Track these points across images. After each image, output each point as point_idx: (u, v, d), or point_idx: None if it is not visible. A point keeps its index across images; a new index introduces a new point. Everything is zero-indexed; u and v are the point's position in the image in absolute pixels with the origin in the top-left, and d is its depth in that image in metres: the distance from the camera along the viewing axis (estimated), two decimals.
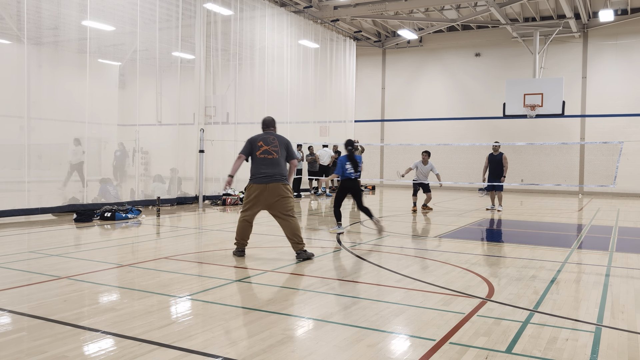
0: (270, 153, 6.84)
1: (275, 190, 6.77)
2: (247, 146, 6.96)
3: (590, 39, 21.36)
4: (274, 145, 6.90)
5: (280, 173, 6.83)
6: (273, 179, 6.76)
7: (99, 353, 3.54)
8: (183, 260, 6.69)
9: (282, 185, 6.81)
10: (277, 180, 6.78)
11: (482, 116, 23.10)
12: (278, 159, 6.84)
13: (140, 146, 14.00)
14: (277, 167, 6.82)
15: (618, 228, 10.64)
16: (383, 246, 8.06)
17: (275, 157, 6.83)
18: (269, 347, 3.66)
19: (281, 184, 6.81)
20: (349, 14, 19.92)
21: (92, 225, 10.12)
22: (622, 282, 5.82)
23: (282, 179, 6.83)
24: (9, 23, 12.17)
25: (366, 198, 18.33)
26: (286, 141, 7.08)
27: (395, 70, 25.38)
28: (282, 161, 6.90)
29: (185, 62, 15.26)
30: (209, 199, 14.79)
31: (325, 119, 21.41)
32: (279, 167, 6.83)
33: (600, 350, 3.72)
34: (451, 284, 5.59)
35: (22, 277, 5.67)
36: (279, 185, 6.79)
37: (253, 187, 6.85)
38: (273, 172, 6.78)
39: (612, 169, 17.24)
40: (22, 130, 11.19)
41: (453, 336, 3.93)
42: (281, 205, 6.81)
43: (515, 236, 10.01)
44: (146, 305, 4.67)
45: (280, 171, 6.85)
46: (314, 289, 5.30)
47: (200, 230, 9.51)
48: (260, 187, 6.78)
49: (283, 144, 6.99)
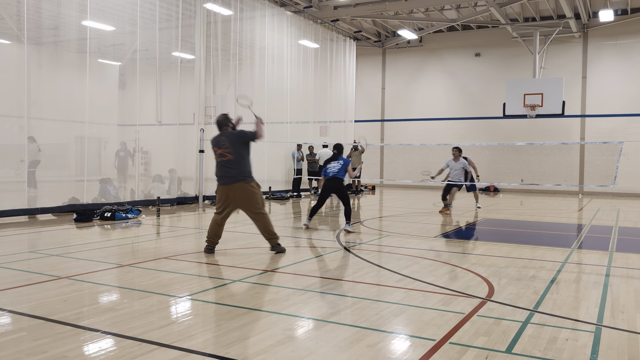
0: (225, 155, 6.97)
1: (240, 190, 6.94)
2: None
3: (590, 39, 21.36)
4: (226, 146, 7.00)
5: (239, 173, 6.93)
6: (235, 180, 6.92)
7: (99, 353, 3.54)
8: (183, 260, 6.69)
9: (245, 184, 6.95)
10: (238, 180, 6.92)
11: (482, 116, 23.10)
12: (234, 159, 6.93)
13: (140, 146, 14.00)
14: (236, 167, 6.93)
15: (618, 228, 10.63)
16: (383, 246, 8.06)
17: (231, 158, 6.93)
18: (269, 347, 3.66)
19: (244, 183, 6.95)
20: (349, 14, 19.92)
21: (92, 225, 10.12)
22: (622, 282, 5.82)
23: (244, 178, 6.95)
24: (9, 23, 12.18)
25: (365, 198, 18.34)
26: (237, 134, 7.07)
27: (395, 70, 25.38)
28: (240, 159, 6.96)
29: (185, 62, 15.26)
30: (209, 199, 14.79)
31: (325, 119, 21.41)
32: (237, 166, 6.93)
33: (600, 350, 3.72)
34: (451, 284, 5.59)
35: (22, 277, 5.67)
36: (242, 184, 6.94)
37: (220, 189, 7.12)
38: (232, 174, 6.92)
39: (612, 169, 17.25)
40: (22, 130, 11.19)
41: (453, 336, 3.93)
42: (249, 204, 6.99)
43: (515, 236, 10.01)
44: (146, 305, 4.67)
45: (240, 170, 6.94)
46: (314, 289, 5.30)
47: (200, 230, 9.51)
48: (225, 188, 7.01)
49: (234, 140, 7.01)
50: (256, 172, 7.39)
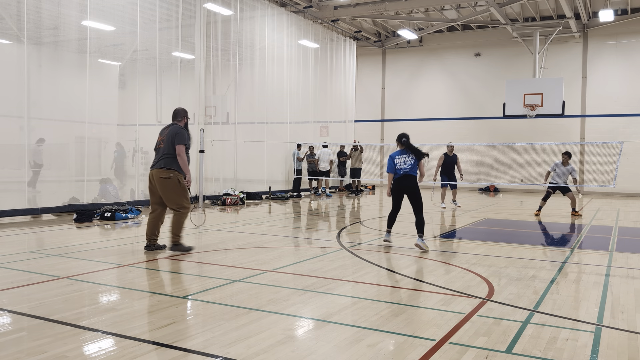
0: (159, 143, 7.21)
1: (156, 175, 7.04)
2: None
3: (590, 39, 21.36)
4: (163, 135, 7.20)
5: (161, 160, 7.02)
6: (154, 167, 7.08)
7: (99, 353, 3.54)
8: (183, 260, 6.69)
9: (162, 170, 7.02)
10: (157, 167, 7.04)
11: (482, 116, 23.10)
12: (163, 148, 7.09)
13: (140, 146, 14.00)
14: (161, 155, 7.07)
15: (618, 228, 10.64)
16: (383, 246, 8.06)
17: (160, 146, 7.14)
18: (269, 347, 3.66)
19: (161, 169, 7.02)
20: (349, 14, 19.92)
21: (92, 225, 10.12)
22: (622, 282, 5.82)
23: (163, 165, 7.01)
24: (9, 23, 12.17)
25: (365, 198, 18.33)
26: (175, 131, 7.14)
27: (395, 70, 25.38)
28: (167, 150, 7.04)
29: (185, 62, 15.26)
30: (208, 198, 14.79)
31: (325, 119, 21.41)
32: (162, 155, 7.05)
33: (600, 350, 3.72)
34: (451, 284, 5.59)
35: (22, 277, 5.67)
36: (159, 170, 7.03)
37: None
38: (155, 161, 7.11)
39: (612, 169, 17.25)
40: (22, 130, 11.19)
41: (453, 336, 3.93)
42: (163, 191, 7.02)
43: (515, 236, 10.01)
44: (146, 305, 4.67)
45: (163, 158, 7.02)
46: (314, 289, 5.30)
47: (200, 230, 9.50)
48: (149, 175, 7.20)
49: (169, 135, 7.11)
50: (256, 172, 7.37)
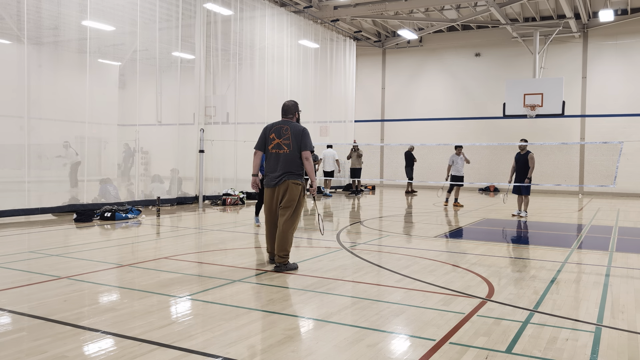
0: (278, 146, 6.09)
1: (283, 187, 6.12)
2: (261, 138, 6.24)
3: (590, 39, 21.35)
4: (286, 137, 6.06)
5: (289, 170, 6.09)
6: (282, 179, 6.10)
7: (99, 353, 3.54)
8: (183, 260, 6.69)
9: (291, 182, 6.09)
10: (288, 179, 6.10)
11: (482, 116, 23.09)
12: (289, 153, 6.09)
13: (140, 146, 14.00)
14: (286, 163, 6.08)
15: (618, 228, 10.63)
16: (383, 246, 8.06)
17: (283, 151, 6.10)
18: (269, 347, 3.66)
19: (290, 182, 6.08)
20: (349, 14, 19.91)
21: (92, 225, 10.12)
22: (622, 282, 5.82)
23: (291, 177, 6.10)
24: (9, 23, 12.17)
25: (365, 198, 18.33)
26: (300, 129, 6.16)
27: (395, 70, 25.38)
28: (294, 155, 6.10)
29: (185, 62, 15.25)
30: (209, 199, 14.79)
31: (325, 119, 21.40)
32: (288, 162, 6.08)
33: (600, 350, 3.72)
34: (451, 284, 5.59)
35: (22, 277, 5.67)
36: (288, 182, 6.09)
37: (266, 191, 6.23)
38: (281, 172, 6.11)
39: (612, 169, 17.23)
40: (22, 130, 11.18)
41: (453, 336, 3.93)
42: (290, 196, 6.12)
43: (515, 236, 10.01)
44: (146, 305, 4.67)
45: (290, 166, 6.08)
46: (314, 289, 5.30)
47: (200, 230, 9.51)
48: (269, 190, 6.17)
49: (295, 134, 6.09)
50: None
